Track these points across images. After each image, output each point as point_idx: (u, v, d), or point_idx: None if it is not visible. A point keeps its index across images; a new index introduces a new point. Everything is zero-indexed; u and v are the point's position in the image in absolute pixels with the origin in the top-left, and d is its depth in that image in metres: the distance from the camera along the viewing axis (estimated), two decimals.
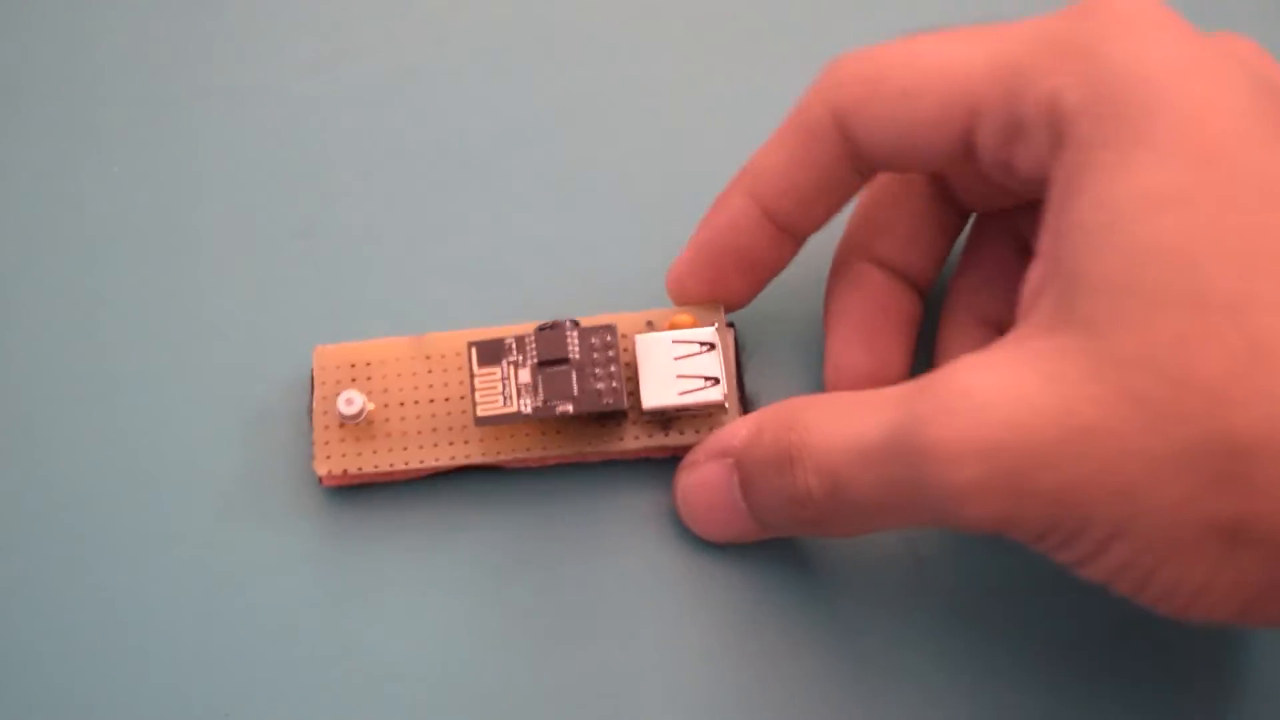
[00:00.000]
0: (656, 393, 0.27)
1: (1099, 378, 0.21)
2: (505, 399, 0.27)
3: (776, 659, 0.27)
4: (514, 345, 0.27)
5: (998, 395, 0.21)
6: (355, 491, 0.29)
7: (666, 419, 0.28)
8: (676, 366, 0.28)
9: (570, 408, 0.27)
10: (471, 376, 0.27)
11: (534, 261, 0.31)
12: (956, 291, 0.29)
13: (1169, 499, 0.21)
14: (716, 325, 0.28)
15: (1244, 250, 0.21)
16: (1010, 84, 0.24)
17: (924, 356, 0.29)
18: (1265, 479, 0.20)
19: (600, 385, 0.27)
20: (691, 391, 0.27)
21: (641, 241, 0.31)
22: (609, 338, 0.27)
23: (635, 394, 0.28)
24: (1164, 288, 0.21)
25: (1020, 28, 0.24)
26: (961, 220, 0.29)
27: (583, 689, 0.27)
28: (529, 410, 0.27)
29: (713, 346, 0.28)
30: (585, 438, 0.28)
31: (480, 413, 0.27)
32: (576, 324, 0.28)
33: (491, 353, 0.27)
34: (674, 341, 0.28)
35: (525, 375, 0.27)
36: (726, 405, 0.28)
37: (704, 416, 0.28)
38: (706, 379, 0.28)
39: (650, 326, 0.28)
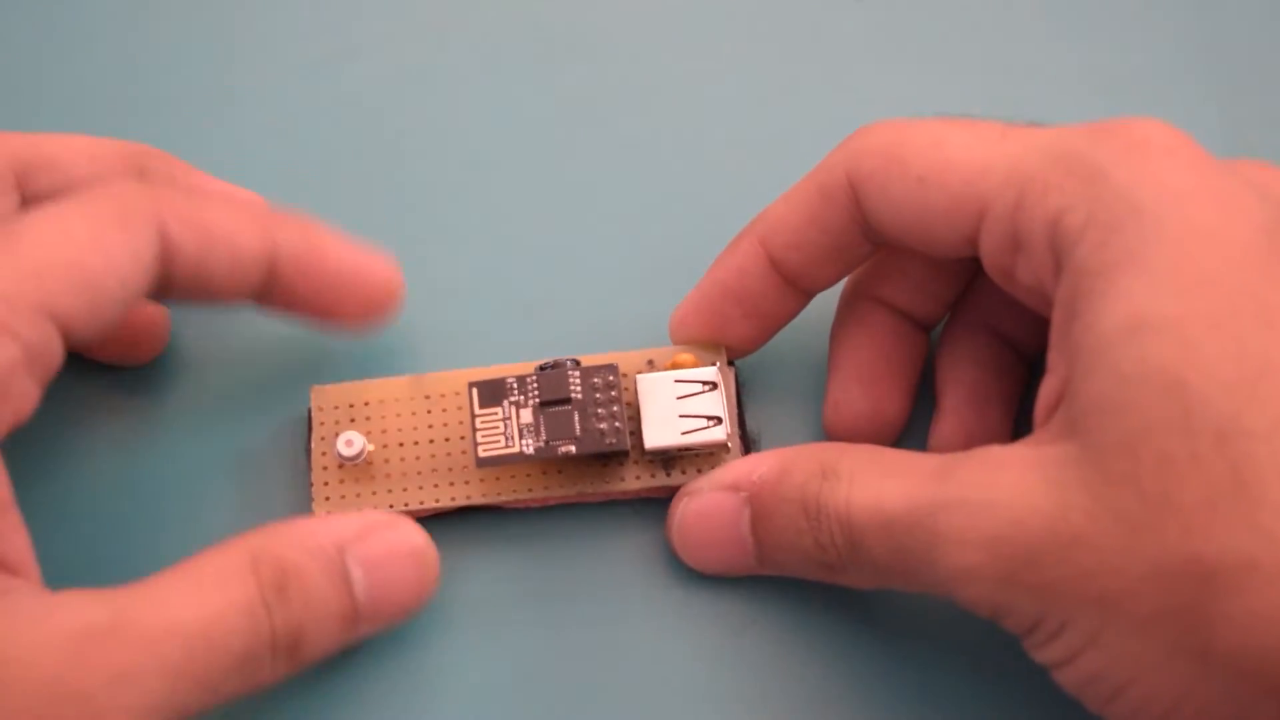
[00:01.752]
0: (659, 433, 0.27)
1: (1090, 490, 0.22)
2: (507, 439, 0.27)
3: (780, 699, 0.27)
4: (515, 385, 0.27)
5: (1007, 493, 0.22)
6: None
7: (668, 458, 0.28)
8: (679, 406, 0.27)
9: (573, 448, 0.27)
10: (473, 417, 0.27)
11: (535, 295, 0.31)
12: (974, 298, 0.29)
13: (1140, 615, 0.21)
14: (719, 364, 0.28)
15: (1235, 376, 0.21)
16: (1020, 196, 0.24)
17: (929, 367, 0.29)
18: (1230, 610, 0.21)
19: (603, 425, 0.27)
20: (694, 431, 0.27)
21: (643, 279, 0.31)
22: (611, 377, 0.27)
23: (636, 434, 0.28)
24: (1151, 409, 0.21)
25: (1041, 137, 0.24)
26: (976, 267, 0.28)
27: None
28: (531, 451, 0.27)
29: (715, 386, 0.28)
30: (586, 477, 0.28)
31: (482, 454, 0.27)
32: (578, 363, 0.28)
33: (493, 393, 0.27)
34: (676, 381, 0.28)
35: (527, 415, 0.27)
36: (729, 445, 0.28)
37: (706, 456, 0.28)
38: (709, 418, 0.27)
39: (651, 366, 0.28)
